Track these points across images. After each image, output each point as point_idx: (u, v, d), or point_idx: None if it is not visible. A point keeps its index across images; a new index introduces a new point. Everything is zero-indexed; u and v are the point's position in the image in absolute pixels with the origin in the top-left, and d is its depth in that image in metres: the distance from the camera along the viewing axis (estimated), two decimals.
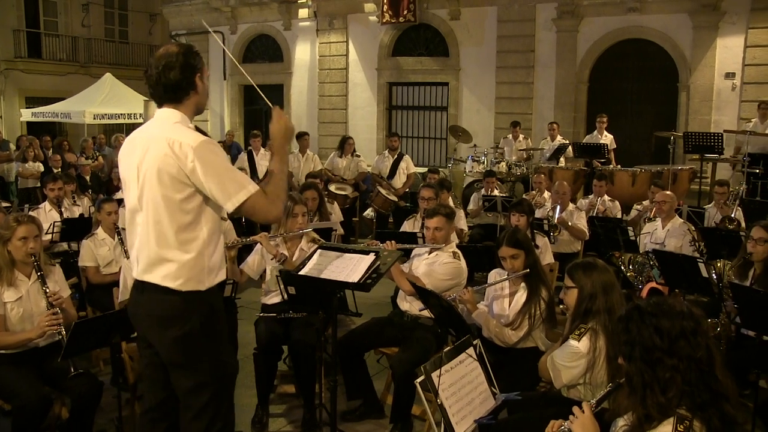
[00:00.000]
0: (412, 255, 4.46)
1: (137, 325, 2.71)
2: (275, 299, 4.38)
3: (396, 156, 9.68)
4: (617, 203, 7.59)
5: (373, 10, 14.49)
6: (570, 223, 6.59)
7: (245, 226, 7.48)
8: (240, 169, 2.95)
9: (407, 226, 6.21)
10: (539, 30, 12.86)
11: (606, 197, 7.61)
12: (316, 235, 4.70)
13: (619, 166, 9.92)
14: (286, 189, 2.69)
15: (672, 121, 11.83)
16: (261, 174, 9.88)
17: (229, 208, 2.50)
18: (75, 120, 14.86)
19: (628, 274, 5.62)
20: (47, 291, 3.57)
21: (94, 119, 14.51)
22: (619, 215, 7.38)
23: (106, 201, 5.40)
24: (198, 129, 2.60)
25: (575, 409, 2.19)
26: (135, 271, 2.64)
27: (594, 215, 7.09)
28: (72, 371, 3.36)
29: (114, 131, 15.51)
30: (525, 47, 12.98)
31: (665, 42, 11.79)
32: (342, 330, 4.81)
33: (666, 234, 5.89)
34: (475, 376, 2.76)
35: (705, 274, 4.30)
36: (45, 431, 3.58)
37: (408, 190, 9.46)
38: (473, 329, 3.68)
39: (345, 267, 3.09)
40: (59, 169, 10.03)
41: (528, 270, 3.80)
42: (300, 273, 3.23)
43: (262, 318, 4.29)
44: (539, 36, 12.89)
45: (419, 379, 2.54)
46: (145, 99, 14.13)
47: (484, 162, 10.91)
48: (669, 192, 6.34)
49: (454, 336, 3.67)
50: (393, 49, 14.73)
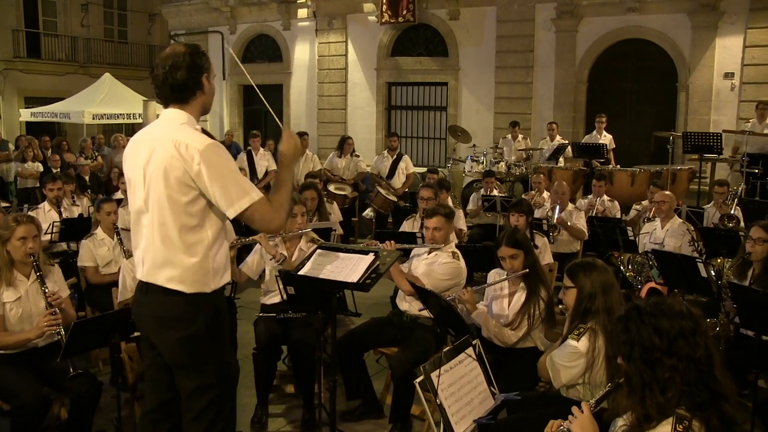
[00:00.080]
0: (411, 255, 4.46)
1: (141, 326, 2.70)
2: (274, 299, 4.38)
3: (395, 156, 9.67)
4: (616, 203, 7.59)
5: (372, 10, 14.49)
6: (569, 223, 6.59)
7: (245, 226, 7.43)
8: (239, 169, 2.95)
9: (406, 226, 6.21)
10: (538, 30, 12.86)
11: (605, 197, 7.61)
12: (315, 235, 4.70)
13: (619, 166, 9.92)
14: (290, 202, 2.67)
15: (671, 121, 11.84)
16: (260, 174, 9.90)
17: (231, 214, 2.48)
18: (74, 120, 14.84)
19: (627, 274, 5.62)
20: (46, 291, 3.57)
21: (93, 119, 14.49)
22: (619, 215, 7.37)
23: (105, 201, 5.41)
24: (204, 131, 2.58)
25: (574, 409, 2.19)
26: (140, 272, 2.62)
27: (593, 215, 7.08)
28: (71, 371, 3.36)
29: (113, 131, 15.51)
30: (524, 47, 12.99)
31: (664, 42, 11.79)
32: (341, 330, 4.81)
33: (665, 234, 5.89)
34: (475, 376, 2.76)
35: (704, 274, 4.30)
36: (44, 431, 3.58)
37: (407, 190, 9.46)
38: (472, 329, 3.68)
39: (344, 267, 3.09)
40: (58, 170, 10.02)
41: (527, 270, 3.81)
42: (299, 273, 3.23)
43: (261, 318, 4.29)
44: (538, 36, 12.89)
45: (418, 379, 2.54)
46: (145, 99, 14.11)
47: (483, 162, 10.90)
48: (668, 192, 6.34)
49: (453, 336, 3.67)
50: (392, 49, 14.72)
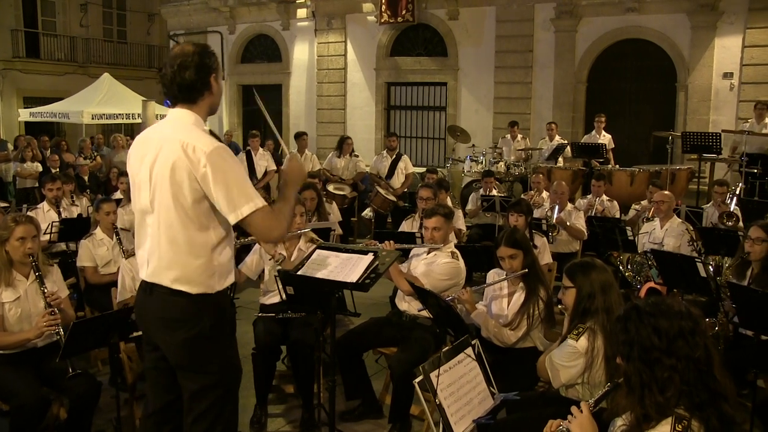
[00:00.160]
0: (410, 255, 4.46)
1: (144, 327, 2.68)
2: (274, 299, 4.38)
3: (394, 156, 9.67)
4: (615, 203, 7.59)
5: (372, 10, 14.48)
6: (568, 223, 6.59)
7: None
8: None
9: (406, 226, 6.21)
10: (538, 30, 12.86)
11: (604, 197, 7.61)
12: (314, 235, 4.70)
13: (618, 166, 9.93)
14: (293, 212, 2.67)
15: (670, 121, 11.84)
16: (259, 174, 9.90)
17: (232, 219, 2.45)
18: (73, 120, 14.82)
19: (626, 273, 5.63)
20: (45, 291, 3.57)
21: (92, 119, 14.47)
22: (618, 215, 7.37)
23: (104, 201, 5.41)
24: (212, 133, 2.56)
25: (573, 409, 2.19)
26: (144, 273, 2.60)
27: (592, 215, 7.08)
28: (70, 371, 3.36)
29: (112, 131, 15.50)
30: (523, 47, 12.99)
31: (663, 42, 11.79)
32: (340, 330, 4.82)
33: (664, 234, 5.89)
34: (474, 376, 2.76)
35: (703, 273, 4.30)
36: (43, 431, 3.58)
37: (406, 190, 9.46)
38: (472, 329, 3.69)
39: (343, 267, 3.09)
40: (57, 170, 10.01)
41: (526, 270, 3.81)
42: (298, 273, 3.23)
43: (260, 318, 4.28)
44: (538, 36, 12.88)
45: (418, 379, 2.54)
46: (144, 99, 14.11)
47: (482, 162, 10.89)
48: (667, 192, 6.34)
49: (452, 336, 3.67)
50: (391, 49, 14.72)
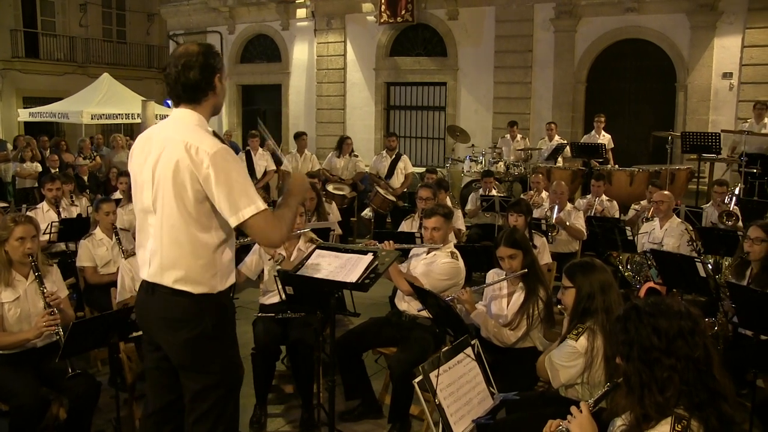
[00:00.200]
0: (410, 255, 4.46)
1: (145, 327, 2.67)
2: (273, 299, 4.38)
3: (394, 156, 9.67)
4: (615, 203, 7.59)
5: (371, 10, 14.48)
6: (568, 223, 6.59)
7: None
8: None
9: (405, 226, 6.21)
10: (537, 30, 12.87)
11: (604, 197, 7.61)
12: (314, 235, 4.70)
13: (617, 166, 9.93)
14: (294, 220, 2.66)
15: (670, 121, 11.84)
16: (259, 174, 9.89)
17: (233, 222, 2.44)
18: (72, 120, 14.82)
19: (626, 273, 5.63)
20: (45, 291, 3.56)
21: (91, 119, 14.46)
22: (617, 215, 7.37)
23: (104, 201, 5.41)
24: (216, 135, 2.55)
25: (573, 409, 2.19)
26: (145, 273, 2.59)
27: (592, 215, 7.08)
28: (70, 371, 3.35)
29: (112, 131, 15.48)
30: (523, 47, 12.99)
31: (663, 42, 11.80)
32: (340, 330, 4.82)
33: (664, 234, 5.89)
34: (473, 376, 2.76)
35: (703, 273, 4.30)
36: (43, 431, 3.59)
37: (406, 190, 9.46)
38: (471, 329, 3.68)
39: (343, 267, 3.08)
40: (57, 170, 10.01)
41: (526, 270, 3.81)
42: (298, 273, 3.23)
43: (260, 318, 4.28)
44: (537, 36, 12.89)
45: (417, 379, 2.54)
46: (143, 99, 14.10)
47: (482, 162, 10.88)
48: (667, 192, 6.34)
49: (452, 336, 3.67)
50: (391, 49, 14.72)
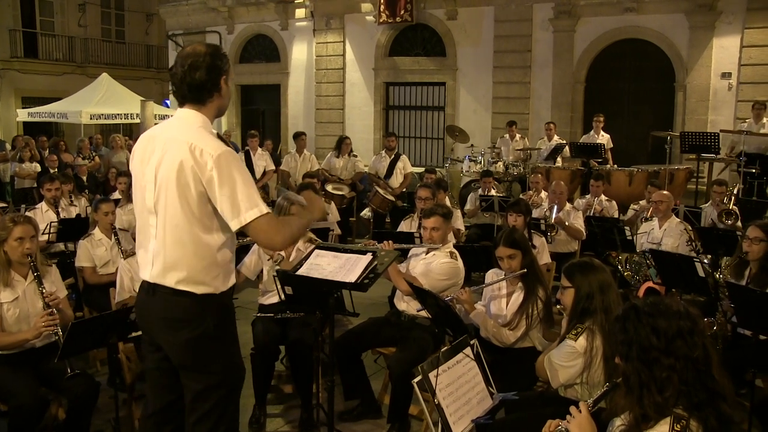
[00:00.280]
0: (409, 255, 4.46)
1: (145, 328, 2.66)
2: (272, 299, 4.38)
3: (393, 156, 9.67)
4: (614, 203, 7.59)
5: (370, 10, 14.47)
6: (567, 223, 6.59)
7: None
8: None
9: (404, 226, 6.21)
10: (536, 30, 12.86)
11: (603, 197, 7.61)
12: (313, 235, 4.69)
13: (616, 165, 9.94)
14: (301, 231, 2.67)
15: (669, 121, 11.85)
16: (258, 174, 9.89)
17: (234, 225, 2.43)
18: (72, 120, 14.82)
19: (625, 273, 5.63)
20: (44, 291, 3.56)
21: (90, 119, 14.46)
22: (616, 215, 7.37)
23: (102, 201, 5.41)
24: (220, 137, 2.54)
25: (572, 409, 2.19)
26: (146, 273, 2.58)
27: (591, 215, 7.08)
28: (69, 372, 3.35)
29: (111, 131, 15.47)
30: (522, 47, 12.99)
31: (662, 42, 11.80)
32: (339, 330, 4.82)
33: (663, 234, 5.89)
34: (473, 376, 2.76)
35: (702, 273, 4.30)
36: None
37: (405, 190, 9.46)
38: (470, 329, 3.69)
39: (342, 267, 3.08)
40: (56, 170, 10.00)
41: (525, 270, 3.81)
42: (297, 273, 3.22)
43: (259, 318, 4.28)
44: (536, 36, 12.89)
45: (416, 379, 2.54)
46: (142, 99, 14.09)
47: (481, 162, 10.89)
48: (666, 192, 6.34)
49: (451, 336, 3.67)
50: (390, 49, 14.71)
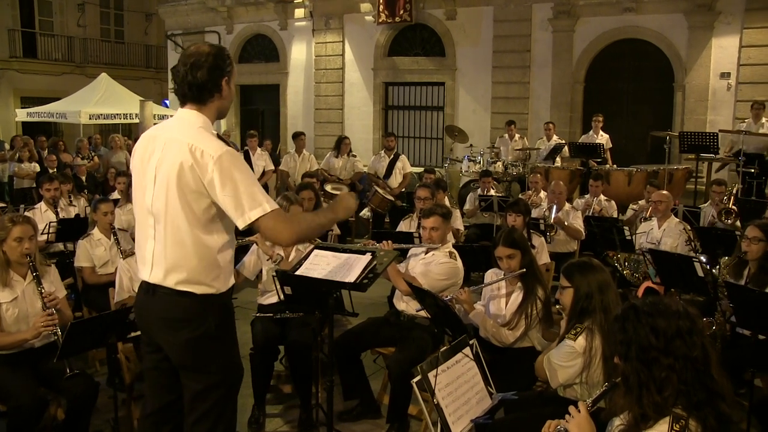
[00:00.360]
0: (408, 255, 4.46)
1: (145, 328, 2.65)
2: (272, 299, 4.38)
3: (392, 156, 9.68)
4: (613, 203, 7.60)
5: (369, 10, 14.47)
6: (566, 223, 6.60)
7: None
8: None
9: (404, 225, 6.21)
10: (535, 30, 12.86)
11: (602, 197, 7.62)
12: None
13: (615, 165, 9.94)
14: (315, 230, 2.63)
15: (668, 121, 11.85)
16: (257, 174, 9.88)
17: (240, 224, 2.42)
18: (71, 120, 14.82)
19: (624, 272, 5.63)
20: (43, 291, 3.56)
21: (89, 119, 14.46)
22: (615, 215, 7.38)
23: (102, 201, 5.40)
24: (220, 137, 2.53)
25: (571, 409, 2.20)
26: (145, 273, 2.56)
27: (590, 215, 7.09)
28: (68, 372, 3.35)
29: (110, 131, 15.47)
30: (521, 47, 12.99)
31: (661, 42, 11.80)
32: (338, 330, 4.82)
33: (662, 233, 5.89)
34: (472, 375, 2.76)
35: (701, 273, 4.31)
36: None
37: (404, 189, 9.46)
38: (470, 329, 3.69)
39: (341, 267, 3.08)
40: (55, 170, 10.00)
41: (524, 270, 3.81)
42: (296, 273, 3.22)
43: (258, 318, 4.28)
44: (535, 36, 12.89)
45: (416, 379, 2.54)
46: (141, 99, 14.09)
47: (480, 162, 10.89)
48: (665, 192, 6.34)
49: (450, 336, 3.67)
50: (389, 49, 14.71)
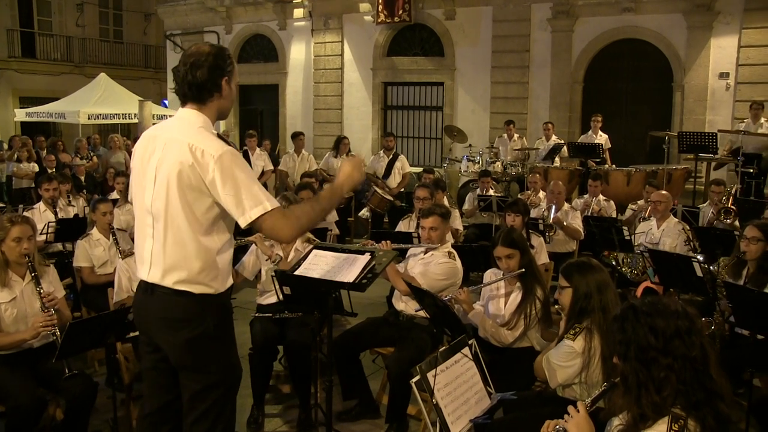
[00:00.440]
0: (407, 255, 4.46)
1: (144, 328, 2.65)
2: (271, 299, 4.38)
3: (391, 156, 9.68)
4: (612, 203, 7.60)
5: (368, 10, 14.47)
6: (565, 223, 6.60)
7: None
8: None
9: (402, 225, 6.21)
10: (534, 30, 12.87)
11: (601, 197, 7.62)
12: (311, 235, 4.69)
13: (614, 165, 9.94)
14: (315, 218, 2.59)
15: (667, 121, 11.85)
16: (256, 174, 9.87)
17: (242, 223, 2.43)
18: (69, 120, 14.81)
19: (623, 269, 5.64)
20: (41, 292, 3.56)
21: (88, 119, 14.46)
22: (614, 215, 7.39)
23: (101, 201, 5.40)
24: (221, 137, 2.53)
25: (570, 409, 2.20)
26: (144, 273, 2.56)
27: (589, 215, 7.10)
28: (66, 372, 3.35)
29: (109, 131, 15.47)
30: (520, 47, 12.99)
31: (660, 42, 11.81)
32: (337, 330, 4.81)
33: (661, 233, 5.90)
34: (471, 375, 2.76)
35: (699, 273, 4.31)
36: None
37: (403, 189, 9.46)
38: (469, 329, 3.69)
39: (340, 267, 3.08)
40: (53, 170, 9.99)
41: (523, 270, 3.81)
42: (295, 273, 3.22)
43: (257, 318, 4.29)
44: (534, 36, 12.89)
45: (415, 379, 2.54)
46: (140, 99, 14.08)
47: (479, 162, 10.89)
48: (664, 192, 6.35)
49: (449, 336, 3.67)
50: (388, 49, 14.70)
